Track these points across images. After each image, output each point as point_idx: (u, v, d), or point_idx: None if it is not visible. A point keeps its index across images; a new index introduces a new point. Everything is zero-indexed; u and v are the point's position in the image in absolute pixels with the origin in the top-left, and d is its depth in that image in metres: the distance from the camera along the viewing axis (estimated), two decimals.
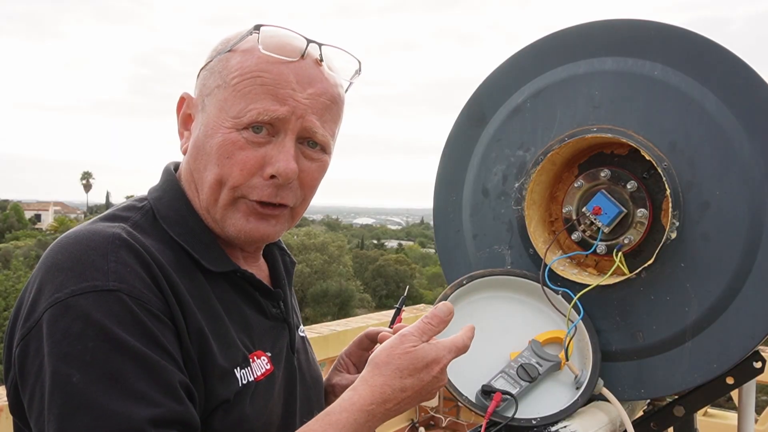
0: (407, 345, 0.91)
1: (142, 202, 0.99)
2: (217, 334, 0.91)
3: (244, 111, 0.92)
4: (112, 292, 0.80)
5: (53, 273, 0.82)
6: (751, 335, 1.16)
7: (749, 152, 1.17)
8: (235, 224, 0.97)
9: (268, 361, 0.99)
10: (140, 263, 0.85)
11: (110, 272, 0.81)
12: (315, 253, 36.53)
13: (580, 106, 1.32)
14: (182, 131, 1.02)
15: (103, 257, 0.83)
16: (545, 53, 1.37)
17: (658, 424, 1.29)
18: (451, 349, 0.94)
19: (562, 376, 1.22)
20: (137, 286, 0.82)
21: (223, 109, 0.94)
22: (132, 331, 0.79)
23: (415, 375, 0.90)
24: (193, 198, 0.99)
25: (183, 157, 1.03)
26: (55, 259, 0.84)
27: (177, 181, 1.01)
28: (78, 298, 0.79)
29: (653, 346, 1.23)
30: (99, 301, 0.79)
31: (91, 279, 0.80)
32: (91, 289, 0.80)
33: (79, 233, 0.87)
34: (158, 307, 0.83)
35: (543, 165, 1.32)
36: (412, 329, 0.94)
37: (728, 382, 1.21)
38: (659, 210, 1.26)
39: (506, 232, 1.39)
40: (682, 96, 1.22)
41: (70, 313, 0.78)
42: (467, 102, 1.47)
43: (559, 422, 1.16)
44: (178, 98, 1.02)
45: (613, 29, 1.31)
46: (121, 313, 0.80)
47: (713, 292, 1.18)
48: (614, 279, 1.25)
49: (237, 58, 0.95)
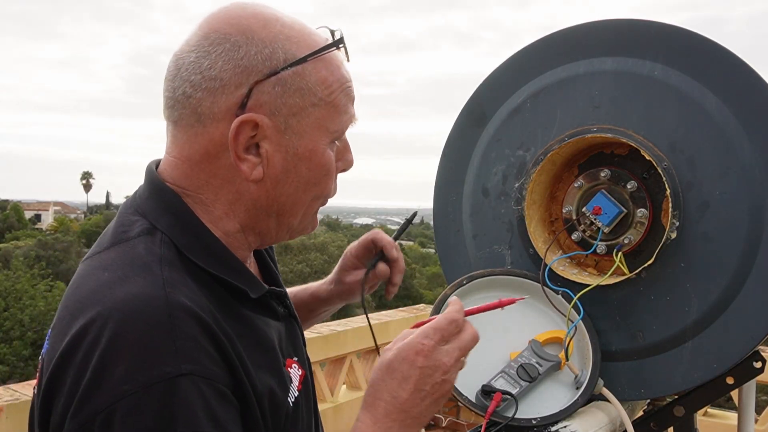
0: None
1: (139, 223, 0.88)
2: (273, 369, 0.88)
3: (340, 123, 0.90)
4: (184, 377, 0.73)
5: (113, 358, 0.73)
6: (751, 335, 1.16)
7: (749, 152, 1.17)
8: (308, 226, 0.96)
9: (298, 366, 0.97)
10: (205, 334, 0.77)
11: (179, 353, 0.73)
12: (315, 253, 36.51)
13: (580, 106, 1.32)
14: (245, 157, 0.86)
15: (169, 335, 0.74)
16: (545, 53, 1.37)
17: (658, 424, 1.29)
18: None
19: (562, 376, 1.22)
20: (206, 363, 0.76)
21: (321, 127, 0.88)
22: (207, 416, 0.74)
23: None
24: (203, 215, 0.90)
25: (230, 181, 0.89)
26: (112, 341, 0.74)
27: (179, 198, 0.89)
28: (150, 390, 0.71)
29: (653, 346, 1.23)
30: (173, 390, 0.72)
31: (161, 365, 0.72)
32: (163, 377, 0.72)
33: (129, 303, 0.76)
34: (226, 383, 0.78)
35: (543, 165, 1.32)
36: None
37: (728, 382, 1.21)
38: (659, 210, 1.26)
39: (506, 232, 1.39)
40: (682, 96, 1.22)
41: (143, 407, 0.71)
42: (467, 102, 1.47)
43: (559, 422, 1.16)
44: (237, 122, 0.84)
45: (613, 29, 1.31)
46: (196, 400, 0.73)
47: (713, 292, 1.18)
48: (614, 279, 1.25)
49: (322, 71, 0.88)
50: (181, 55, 0.87)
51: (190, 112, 0.86)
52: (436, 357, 0.89)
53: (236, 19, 0.86)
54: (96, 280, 0.82)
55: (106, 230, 0.92)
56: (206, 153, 0.87)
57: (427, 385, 0.88)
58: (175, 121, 0.89)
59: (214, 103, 0.85)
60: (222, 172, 0.88)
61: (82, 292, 0.81)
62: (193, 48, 0.86)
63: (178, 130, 0.89)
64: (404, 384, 0.88)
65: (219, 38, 0.85)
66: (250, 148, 0.87)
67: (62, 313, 0.83)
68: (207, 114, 0.85)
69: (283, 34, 0.86)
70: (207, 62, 0.84)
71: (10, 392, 2.21)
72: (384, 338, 4.11)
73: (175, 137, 0.90)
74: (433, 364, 0.88)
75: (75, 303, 0.81)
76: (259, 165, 0.87)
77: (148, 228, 0.87)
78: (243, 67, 0.84)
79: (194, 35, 0.88)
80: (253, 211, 0.91)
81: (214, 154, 0.87)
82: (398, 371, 0.88)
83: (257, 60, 0.84)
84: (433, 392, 0.89)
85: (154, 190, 0.90)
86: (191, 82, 0.85)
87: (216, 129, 0.86)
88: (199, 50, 0.85)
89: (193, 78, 0.85)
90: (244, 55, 0.84)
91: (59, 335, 0.80)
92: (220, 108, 0.85)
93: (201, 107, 0.85)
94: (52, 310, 23.28)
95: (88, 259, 0.89)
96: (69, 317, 0.80)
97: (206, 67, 0.84)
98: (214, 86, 0.84)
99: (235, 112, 0.84)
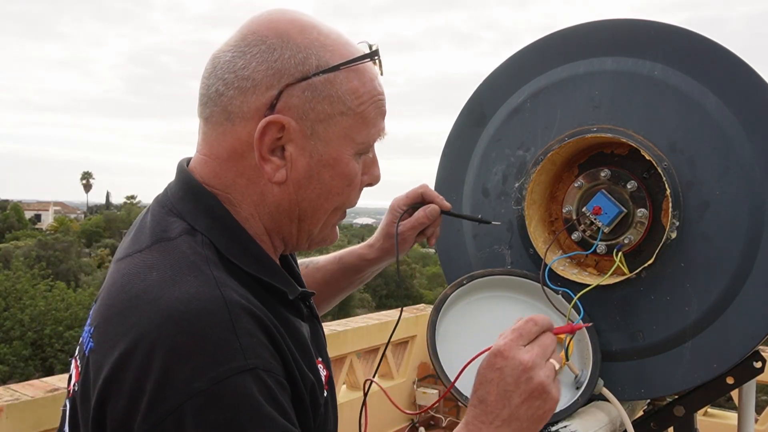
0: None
1: (177, 224, 0.87)
2: (311, 368, 0.89)
3: (368, 135, 0.91)
4: (251, 371, 0.75)
5: (180, 357, 0.73)
6: (751, 335, 1.16)
7: (749, 152, 1.17)
8: (327, 238, 0.97)
9: (323, 367, 0.97)
10: (262, 330, 0.79)
11: (244, 349, 0.75)
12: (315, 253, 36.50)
13: (580, 106, 1.32)
14: (269, 158, 0.87)
15: (231, 332, 0.75)
16: (545, 53, 1.37)
17: (658, 424, 1.30)
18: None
19: (562, 376, 1.22)
20: (267, 357, 0.78)
21: (348, 136, 0.89)
22: (274, 406, 0.76)
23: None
24: (242, 216, 0.90)
25: (253, 181, 0.89)
26: (175, 341, 0.74)
27: (216, 199, 0.89)
28: (221, 385, 0.72)
29: (653, 346, 1.23)
30: (242, 384, 0.74)
31: (229, 361, 0.74)
32: (233, 372, 0.73)
33: (188, 303, 0.77)
34: (283, 375, 0.80)
35: (543, 165, 1.32)
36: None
37: (728, 382, 1.21)
38: (659, 210, 1.26)
39: (506, 232, 1.39)
40: (682, 96, 1.22)
41: (216, 402, 0.72)
42: (467, 102, 1.47)
43: (559, 422, 1.16)
44: (264, 122, 0.85)
45: (613, 29, 1.31)
46: (264, 391, 0.75)
47: (713, 292, 1.18)
48: (614, 279, 1.25)
49: (354, 81, 0.88)
50: (218, 54, 0.89)
51: (221, 109, 0.87)
52: (514, 355, 0.90)
53: (275, 23, 0.88)
54: (144, 279, 0.81)
55: (139, 229, 0.92)
56: (234, 151, 0.88)
57: (510, 385, 0.89)
58: (207, 118, 0.90)
59: (244, 102, 0.86)
60: (248, 171, 0.89)
61: (131, 292, 0.81)
62: (230, 48, 0.88)
63: (209, 127, 0.90)
64: (489, 387, 0.90)
65: (256, 40, 0.86)
66: (275, 150, 0.87)
67: (108, 312, 0.82)
68: (237, 113, 0.86)
69: (318, 42, 0.87)
70: (241, 62, 0.86)
71: (10, 392, 2.21)
72: (384, 338, 4.11)
73: (206, 134, 0.91)
74: (512, 363, 0.90)
75: (125, 303, 0.80)
76: (282, 168, 0.88)
77: (188, 229, 0.87)
78: (275, 69, 0.85)
79: (234, 36, 0.90)
80: (275, 215, 0.92)
81: (241, 152, 0.88)
82: (482, 375, 0.92)
83: (290, 63, 0.85)
84: (520, 392, 0.89)
85: (189, 190, 0.91)
86: (224, 80, 0.86)
87: (244, 128, 0.87)
88: (236, 50, 0.87)
89: (227, 76, 0.86)
90: (278, 57, 0.85)
91: (110, 336, 0.79)
92: (249, 107, 0.86)
93: (231, 105, 0.86)
94: (53, 310, 23.30)
95: (126, 258, 0.88)
96: (119, 318, 0.80)
97: (240, 67, 0.86)
98: (246, 86, 0.85)
99: (264, 113, 0.85)
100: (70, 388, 0.87)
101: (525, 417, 0.89)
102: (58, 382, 2.31)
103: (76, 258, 37.94)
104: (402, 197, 1.29)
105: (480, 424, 0.90)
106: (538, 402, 0.90)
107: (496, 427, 0.89)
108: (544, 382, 0.90)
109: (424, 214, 1.27)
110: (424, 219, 1.27)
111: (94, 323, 0.84)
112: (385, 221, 1.30)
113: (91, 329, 0.84)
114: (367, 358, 4.03)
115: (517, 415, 0.89)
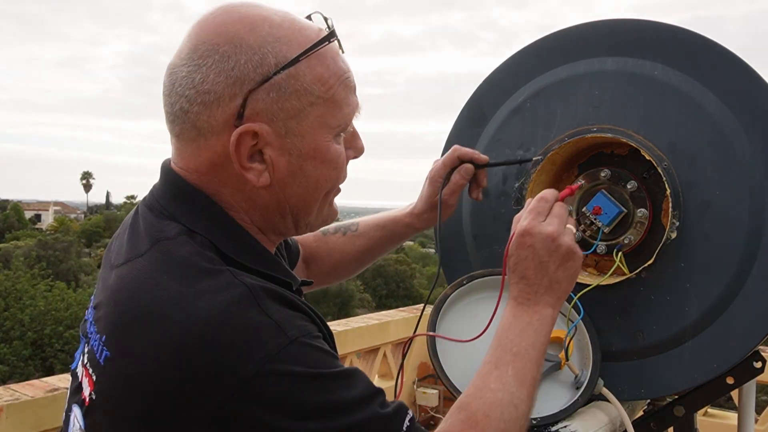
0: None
1: (173, 226, 0.87)
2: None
3: (342, 117, 0.90)
4: (294, 341, 0.77)
5: (224, 349, 0.75)
6: (751, 335, 1.15)
7: (749, 152, 1.17)
8: (328, 217, 0.98)
9: None
10: (287, 304, 0.82)
11: (280, 324, 0.78)
12: None
13: (580, 106, 1.31)
14: (249, 165, 0.86)
15: (263, 313, 0.78)
16: (545, 53, 1.37)
17: (658, 424, 1.29)
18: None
19: (562, 376, 1.22)
20: (302, 324, 0.81)
21: (323, 124, 0.88)
22: (326, 362, 0.79)
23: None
24: (236, 216, 0.91)
25: (231, 186, 0.89)
26: (214, 336, 0.75)
27: (209, 198, 0.89)
28: (270, 364, 0.75)
29: (653, 346, 1.23)
30: (288, 355, 0.76)
31: (271, 339, 0.76)
32: (279, 348, 0.76)
33: (214, 299, 0.78)
34: (323, 337, 0.84)
35: (543, 165, 1.32)
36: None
37: (728, 382, 1.21)
38: (659, 210, 1.26)
39: (506, 232, 1.38)
40: (682, 96, 1.22)
41: (270, 380, 0.75)
42: (467, 102, 1.47)
43: (559, 422, 1.16)
44: (235, 135, 0.84)
45: (613, 29, 1.31)
46: (312, 353, 0.79)
47: (713, 292, 1.18)
48: (614, 279, 1.25)
49: (317, 68, 0.86)
50: (174, 69, 0.86)
51: (190, 126, 0.86)
52: (540, 230, 1.03)
53: (223, 27, 0.85)
54: (157, 284, 0.81)
55: (132, 233, 0.91)
56: (212, 164, 0.88)
57: (544, 256, 1.02)
58: (178, 136, 0.89)
59: (211, 117, 0.84)
60: (231, 180, 0.88)
61: (146, 298, 0.80)
62: (184, 61, 0.85)
63: (182, 143, 0.89)
64: (526, 263, 1.03)
65: (208, 50, 0.84)
66: (254, 156, 0.87)
67: (123, 320, 0.81)
68: (206, 127, 0.85)
69: (272, 36, 0.85)
70: (199, 76, 0.84)
71: (10, 392, 2.21)
72: (384, 338, 4.11)
73: (180, 150, 0.90)
74: (541, 237, 1.02)
75: (142, 309, 0.80)
76: (265, 171, 0.88)
77: (185, 230, 0.87)
78: (235, 78, 0.83)
79: (185, 46, 0.87)
80: (267, 215, 0.92)
81: (220, 164, 0.87)
82: (516, 256, 1.04)
83: (248, 68, 0.83)
84: (554, 260, 1.02)
85: (179, 192, 0.90)
86: (187, 97, 0.85)
87: (218, 141, 0.86)
88: (190, 63, 0.85)
89: (188, 93, 0.85)
90: (234, 65, 0.83)
91: (133, 343, 0.79)
92: (218, 121, 0.84)
93: (199, 121, 0.85)
94: (53, 310, 23.29)
95: (127, 264, 0.87)
96: (139, 325, 0.79)
97: (199, 81, 0.84)
98: (209, 100, 0.84)
99: (234, 123, 0.84)
100: (84, 396, 0.86)
101: (563, 278, 1.03)
102: (58, 382, 2.30)
103: (76, 258, 37.95)
104: (439, 166, 1.31)
105: (527, 295, 1.02)
106: (569, 263, 1.04)
107: (540, 294, 1.02)
108: (570, 245, 1.04)
109: (459, 176, 1.30)
110: (461, 180, 1.30)
111: (105, 332, 0.83)
112: (428, 192, 1.32)
113: (102, 337, 0.83)
114: (367, 358, 4.03)
115: (556, 279, 1.02)
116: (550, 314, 1.03)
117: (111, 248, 0.96)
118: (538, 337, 1.00)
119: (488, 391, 0.92)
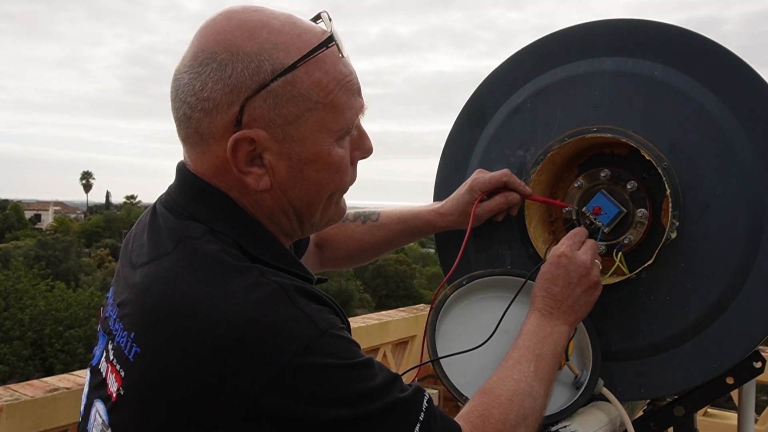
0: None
1: (195, 225, 0.89)
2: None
3: (344, 120, 0.90)
4: (324, 333, 0.81)
5: (258, 343, 0.77)
6: (751, 335, 1.16)
7: (749, 152, 1.17)
8: (335, 216, 0.99)
9: None
10: (313, 299, 0.85)
11: (311, 317, 0.81)
12: None
13: (580, 106, 1.31)
14: (248, 170, 0.88)
15: (294, 307, 0.81)
16: (545, 53, 1.37)
17: (658, 424, 1.29)
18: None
19: (562, 376, 1.22)
20: (330, 317, 0.84)
21: (323, 129, 0.88)
22: (353, 352, 0.84)
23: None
24: (260, 216, 0.93)
25: (234, 188, 0.91)
26: (248, 331, 0.78)
27: (230, 198, 0.91)
28: (303, 357, 0.78)
29: (653, 346, 1.23)
30: (320, 346, 0.80)
31: (304, 332, 0.79)
32: (310, 340, 0.79)
33: (247, 296, 0.80)
34: (347, 330, 0.88)
35: (543, 165, 1.32)
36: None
37: (728, 382, 1.21)
38: (659, 210, 1.26)
39: (506, 232, 1.39)
40: (682, 96, 1.22)
41: (304, 371, 0.78)
42: (467, 102, 1.47)
43: (559, 422, 1.16)
44: (231, 141, 0.85)
45: (612, 29, 1.31)
46: (341, 344, 0.82)
47: (713, 292, 1.18)
48: (614, 279, 1.25)
49: (315, 73, 0.86)
50: (178, 76, 0.89)
51: (193, 131, 0.89)
52: (575, 255, 1.15)
53: (222, 35, 0.86)
54: (186, 282, 0.82)
55: (153, 233, 0.92)
56: (217, 168, 0.90)
57: (574, 279, 1.13)
58: (184, 140, 0.92)
59: (211, 123, 0.86)
60: (236, 184, 0.90)
61: (176, 296, 0.82)
62: (186, 68, 0.88)
63: (188, 147, 0.92)
64: (556, 281, 1.14)
65: (206, 58, 0.86)
66: (254, 160, 0.88)
67: (152, 318, 0.82)
68: (207, 133, 0.88)
69: (269, 43, 0.86)
70: (198, 84, 0.86)
71: (10, 392, 2.21)
72: (384, 338, 4.11)
73: (188, 153, 0.93)
74: (576, 262, 1.14)
75: (172, 307, 0.81)
76: (264, 175, 0.89)
77: (209, 230, 0.88)
78: (232, 86, 0.84)
79: (188, 53, 0.89)
80: (273, 217, 0.94)
81: (223, 168, 0.89)
82: (549, 273, 1.15)
83: (244, 76, 0.84)
84: (582, 284, 1.14)
85: (199, 192, 0.91)
86: (189, 104, 0.87)
87: (219, 146, 0.88)
88: (191, 71, 0.87)
89: (190, 99, 0.87)
90: (231, 73, 0.84)
91: (163, 340, 0.80)
92: (217, 127, 0.86)
93: (201, 127, 0.87)
94: (53, 310, 23.29)
95: (153, 263, 0.88)
96: (169, 322, 0.80)
97: (198, 89, 0.86)
98: (208, 107, 0.86)
99: (232, 130, 0.86)
100: (110, 392, 0.86)
101: (583, 303, 1.15)
102: (58, 382, 2.30)
103: (76, 258, 37.94)
104: (485, 181, 1.31)
105: (550, 309, 1.13)
106: (593, 291, 1.16)
107: (562, 311, 1.12)
108: (598, 277, 1.17)
109: (505, 200, 1.32)
110: (504, 205, 1.32)
111: (133, 329, 0.84)
112: (463, 199, 1.33)
113: (130, 334, 0.84)
114: None
115: (578, 302, 1.14)
116: (566, 331, 1.13)
117: (129, 247, 0.97)
118: (556, 347, 1.10)
119: (511, 381, 1.01)
